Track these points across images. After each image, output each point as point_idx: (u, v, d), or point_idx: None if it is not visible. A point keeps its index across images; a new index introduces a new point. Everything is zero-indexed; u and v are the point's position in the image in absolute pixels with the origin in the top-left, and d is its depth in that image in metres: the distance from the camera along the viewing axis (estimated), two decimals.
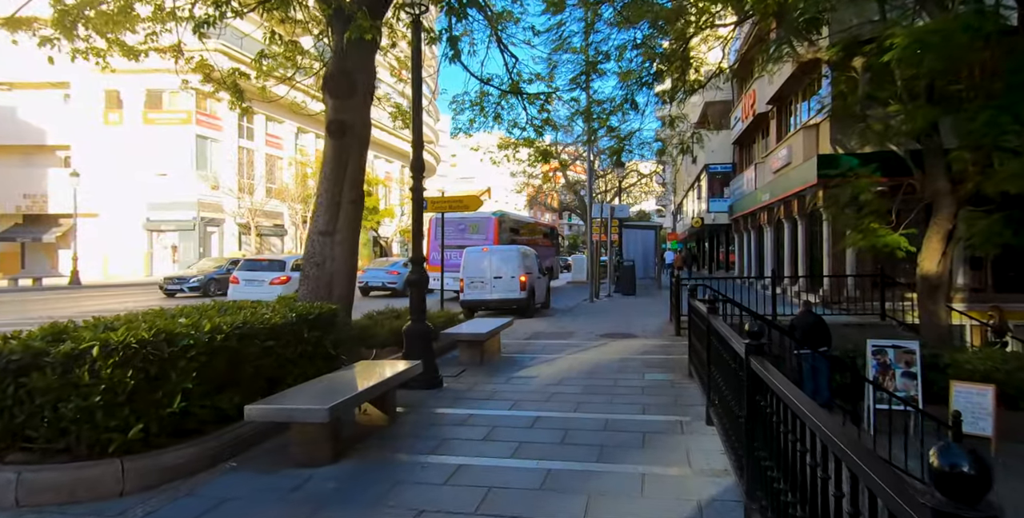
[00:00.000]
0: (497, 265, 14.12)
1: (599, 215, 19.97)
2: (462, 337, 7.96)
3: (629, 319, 13.31)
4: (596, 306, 17.24)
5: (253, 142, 42.13)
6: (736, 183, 27.81)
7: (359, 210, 7.09)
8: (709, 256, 41.64)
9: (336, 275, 6.84)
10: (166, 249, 37.19)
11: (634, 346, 9.40)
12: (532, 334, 11.05)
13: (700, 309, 5.72)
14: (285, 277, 15.37)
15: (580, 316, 14.44)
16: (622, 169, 22.66)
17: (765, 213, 21.93)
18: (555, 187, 40.25)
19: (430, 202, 11.38)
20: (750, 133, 25.90)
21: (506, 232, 20.68)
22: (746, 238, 26.67)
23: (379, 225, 48.51)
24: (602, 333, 10.93)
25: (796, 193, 17.16)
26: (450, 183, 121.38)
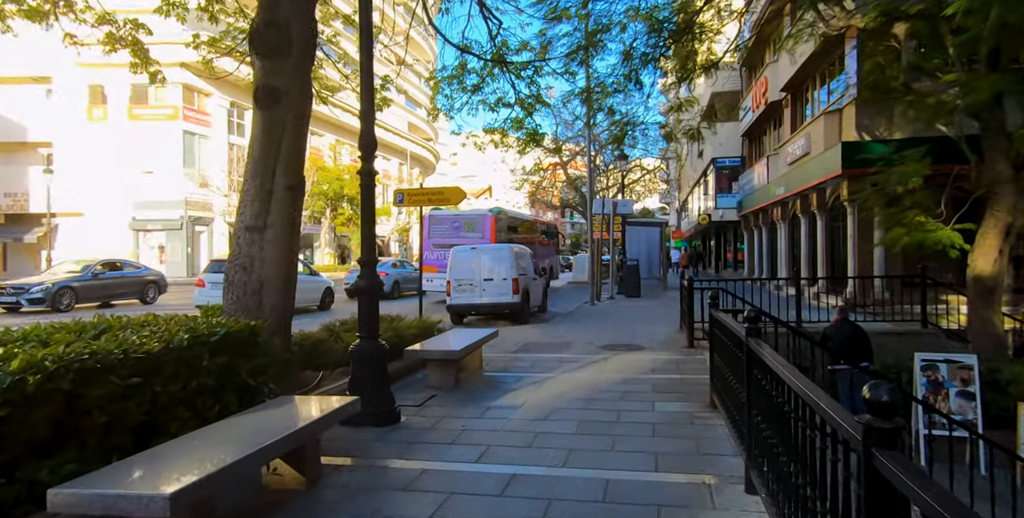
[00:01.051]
0: (488, 265, 12.87)
1: (601, 211, 18.55)
2: (431, 355, 6.56)
3: (633, 326, 11.89)
4: (597, 310, 15.81)
5: (243, 138, 40.77)
6: (746, 177, 26.34)
7: (298, 199, 5.70)
8: (716, 255, 40.18)
9: (267, 281, 5.45)
10: (153, 250, 35.91)
11: (641, 362, 7.98)
12: (522, 345, 9.64)
13: (731, 327, 4.31)
14: None
15: (579, 322, 13.03)
16: (625, 162, 21.22)
17: (779, 208, 20.48)
18: (554, 184, 38.81)
19: (407, 195, 9.99)
20: (761, 124, 24.43)
21: (503, 230, 19.61)
22: (757, 235, 25.21)
23: (375, 224, 47.23)
24: (603, 344, 9.52)
25: (815, 185, 15.71)
26: (450, 181, 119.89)
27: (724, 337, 4.89)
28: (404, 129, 62.87)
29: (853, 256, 13.91)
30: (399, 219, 52.97)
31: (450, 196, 9.64)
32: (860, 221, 13.74)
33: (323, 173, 39.44)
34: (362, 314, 5.31)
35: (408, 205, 9.97)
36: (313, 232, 44.17)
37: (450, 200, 9.65)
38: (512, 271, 12.87)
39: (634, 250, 24.58)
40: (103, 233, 35.03)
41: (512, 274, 12.86)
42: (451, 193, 9.67)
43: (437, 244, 17.83)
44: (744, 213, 26.38)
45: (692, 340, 9.00)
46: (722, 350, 5.10)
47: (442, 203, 9.70)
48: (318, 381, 5.98)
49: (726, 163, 28.48)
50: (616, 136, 11.86)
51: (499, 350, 9.08)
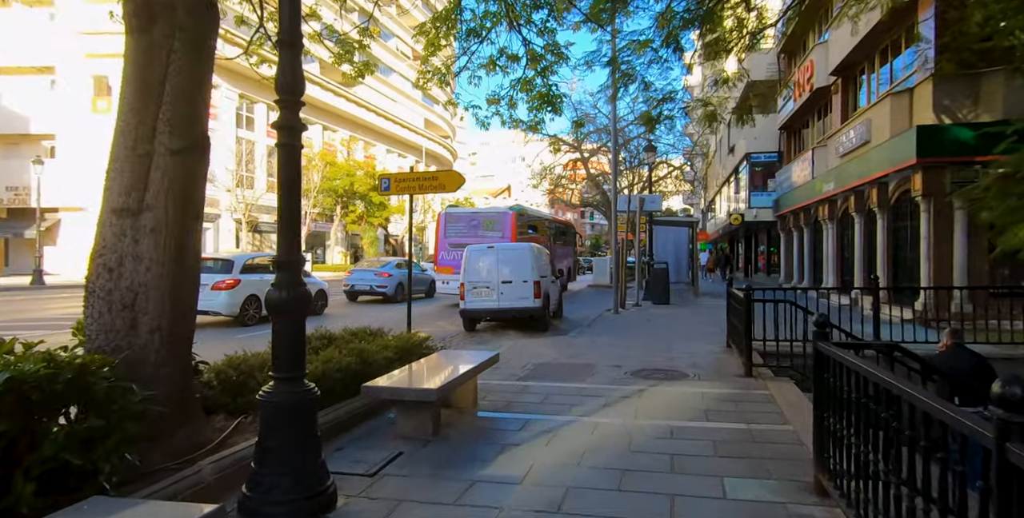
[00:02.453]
0: (506, 267, 11.74)
1: (626, 209, 16.57)
2: (399, 395, 4.67)
3: (669, 342, 9.93)
4: (622, 319, 13.85)
5: (253, 132, 39.48)
6: (783, 174, 24.17)
7: (193, 168, 3.88)
8: (746, 258, 37.87)
9: (144, 290, 3.65)
10: None
11: (687, 399, 6.04)
12: (533, 367, 7.75)
13: (880, 381, 2.39)
14: (232, 280, 12.28)
15: (602, 334, 11.10)
16: (653, 155, 19.20)
17: (825, 206, 18.32)
18: (575, 181, 36.80)
19: (394, 180, 8.17)
20: (802, 115, 22.25)
21: (524, 229, 18.55)
22: (796, 237, 23.01)
23: (388, 222, 45.55)
24: (634, 368, 7.59)
25: (876, 179, 13.62)
26: (469, 181, 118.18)
27: (855, 393, 2.96)
28: (420, 125, 61.31)
29: (927, 260, 11.80)
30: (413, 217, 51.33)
31: (445, 181, 7.79)
32: (936, 219, 11.63)
33: (333, 169, 37.87)
34: (277, 343, 3.46)
35: (396, 192, 8.15)
36: (324, 230, 42.67)
37: (445, 186, 7.80)
38: (533, 273, 11.74)
39: (660, 252, 22.53)
40: None
41: (533, 276, 11.70)
42: (446, 178, 7.82)
43: (454, 244, 16.77)
44: (781, 213, 24.20)
45: (750, 366, 7.03)
46: (835, 401, 3.18)
47: (436, 190, 7.87)
48: (230, 431, 4.15)
49: (761, 159, 26.31)
50: (648, 116, 9.86)
51: (503, 374, 7.21)
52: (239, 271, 12.54)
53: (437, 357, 6.02)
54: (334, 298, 19.31)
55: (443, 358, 5.94)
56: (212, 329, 12.27)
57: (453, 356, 6.08)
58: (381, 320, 15.05)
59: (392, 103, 55.82)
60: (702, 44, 9.62)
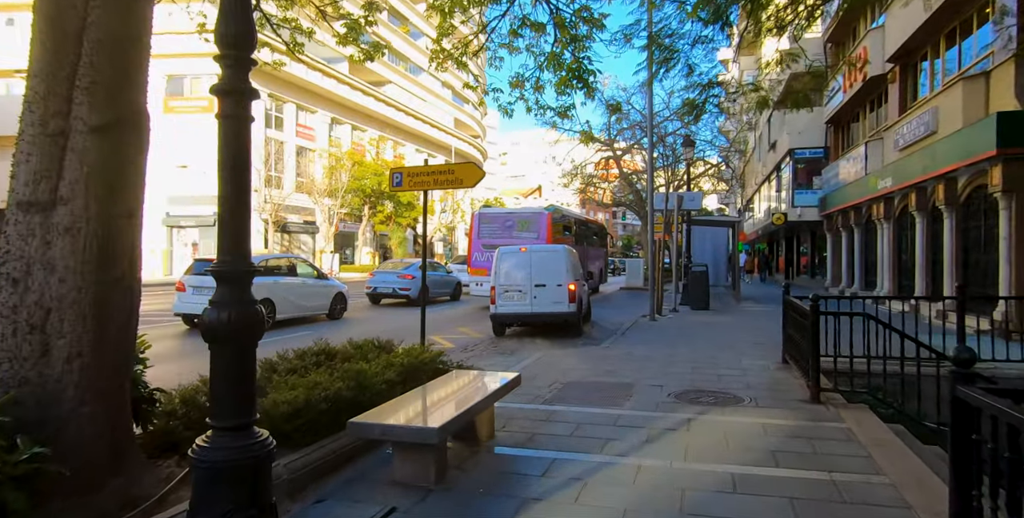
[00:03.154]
0: (540, 269, 11.24)
1: (663, 207, 15.48)
2: (393, 435, 3.77)
3: (714, 355, 8.88)
4: (660, 327, 12.80)
5: (283, 132, 39.30)
6: (831, 171, 22.71)
7: (126, 149, 3.06)
8: (786, 259, 36.22)
9: (59, 307, 2.83)
10: (187, 247, 34.67)
11: (747, 435, 5.02)
12: (560, 388, 6.80)
13: None
14: None
15: (638, 345, 10.08)
16: (691, 150, 18.04)
17: (880, 205, 16.93)
18: (607, 180, 35.65)
19: (406, 175, 7.31)
20: (852, 107, 20.81)
21: (558, 230, 18.13)
22: (844, 238, 21.56)
23: (416, 222, 44.98)
24: (678, 389, 6.59)
25: (944, 173, 12.30)
26: (499, 181, 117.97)
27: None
28: (450, 125, 60.78)
29: (1007, 264, 10.48)
30: (442, 217, 50.73)
31: (462, 175, 6.90)
32: (1018, 217, 10.32)
33: (361, 168, 37.42)
34: (216, 380, 2.60)
35: (408, 188, 7.30)
36: (353, 230, 42.33)
37: (463, 180, 6.92)
38: (568, 276, 11.21)
39: (698, 253, 21.37)
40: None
41: (568, 279, 11.17)
42: (463, 172, 6.93)
43: (487, 244, 16.31)
44: (828, 212, 22.75)
45: (817, 390, 5.97)
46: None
47: (453, 185, 6.99)
48: (177, 481, 3.31)
49: (806, 155, 24.85)
50: (692, 103, 8.83)
51: (527, 394, 6.28)
52: None
53: (449, 379, 5.13)
54: (356, 301, 18.65)
55: (455, 381, 5.04)
56: None
57: (467, 378, 5.18)
58: (401, 325, 14.30)
59: (422, 102, 55.41)
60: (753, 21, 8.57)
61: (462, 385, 4.89)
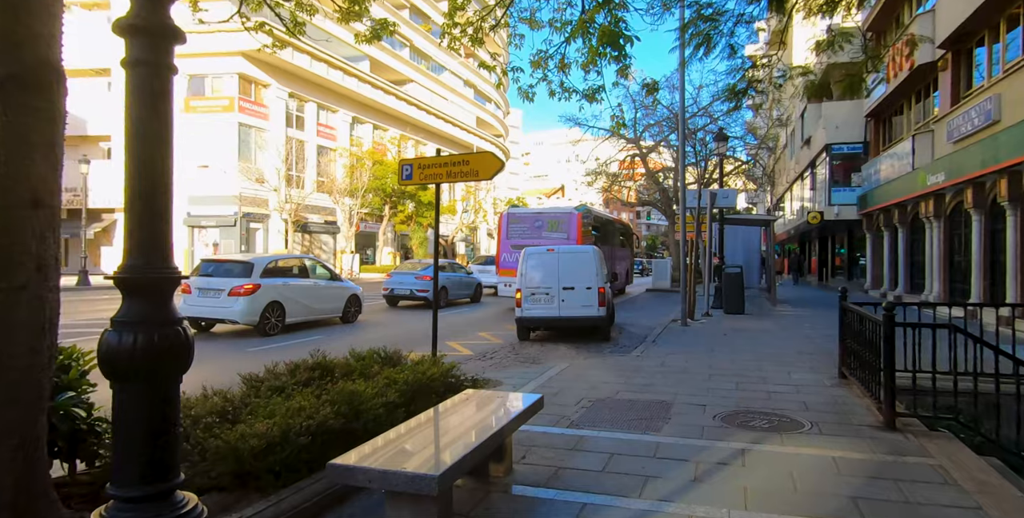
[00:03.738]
0: (568, 271, 10.82)
1: (695, 204, 14.55)
2: (381, 482, 3.00)
3: (760, 366, 7.99)
4: (693, 333, 11.90)
5: (304, 132, 39.01)
6: (871, 167, 21.53)
7: (25, 116, 2.34)
8: (820, 260, 34.83)
9: None
10: (208, 247, 34.50)
11: (817, 474, 4.18)
12: (589, 404, 6.01)
13: None
14: (251, 285, 11.01)
15: (672, 354, 9.22)
16: (724, 144, 17.06)
17: (930, 201, 15.79)
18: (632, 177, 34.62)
19: (417, 167, 6.59)
20: (896, 98, 19.61)
21: (587, 230, 17.86)
22: (887, 238, 20.37)
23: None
24: (725, 410, 5.75)
25: (1008, 167, 11.21)
26: (522, 181, 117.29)
27: None
28: (472, 124, 60.16)
29: None
30: (464, 217, 50.11)
31: (478, 166, 6.15)
32: None
33: (381, 167, 36.92)
34: (120, 432, 1.85)
35: (420, 181, 6.58)
36: (374, 230, 41.90)
37: (479, 172, 6.17)
38: (597, 279, 10.75)
39: (729, 253, 20.35)
40: None
41: (598, 282, 10.72)
42: (479, 162, 6.18)
43: (516, 245, 15.80)
44: (868, 210, 21.55)
45: (892, 416, 5.08)
46: None
47: (467, 177, 6.24)
48: None
49: (843, 150, 23.63)
50: (733, 89, 7.97)
51: (551, 413, 5.52)
52: (259, 275, 11.26)
53: (460, 402, 4.36)
54: (373, 303, 18.04)
55: (467, 404, 4.28)
56: (228, 340, 11.04)
57: (481, 400, 4.41)
58: (416, 329, 13.60)
59: (444, 101, 54.88)
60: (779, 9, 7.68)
61: (475, 410, 4.12)
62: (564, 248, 11.79)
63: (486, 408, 4.16)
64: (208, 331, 11.80)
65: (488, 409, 4.13)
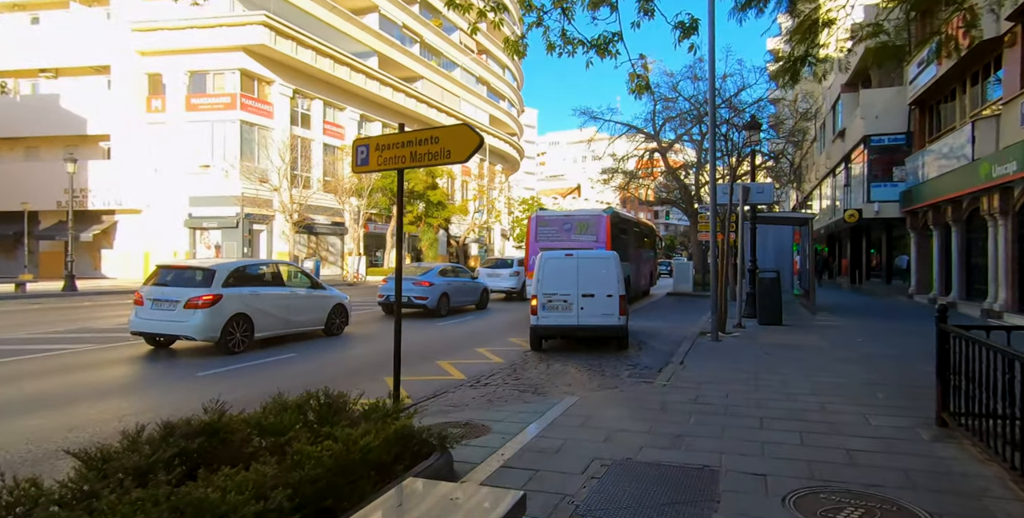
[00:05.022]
0: (587, 277, 10.29)
1: (729, 200, 12.79)
2: None
3: (822, 405, 6.26)
4: (727, 351, 10.16)
5: (310, 130, 37.72)
6: (916, 160, 19.55)
7: None
8: (852, 261, 32.67)
9: None
10: (210, 249, 33.32)
11: None
12: (599, 477, 4.34)
13: None
14: (211, 296, 9.48)
15: (707, 383, 7.49)
16: (757, 133, 15.25)
17: (995, 196, 13.86)
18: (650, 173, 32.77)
19: (374, 149, 4.98)
20: (947, 82, 17.62)
21: (617, 233, 17.80)
22: (937, 237, 18.39)
23: (448, 223, 42.88)
24: (796, 485, 4.06)
25: None
26: (537, 181, 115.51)
27: None
28: (485, 122, 58.58)
29: None
30: (476, 217, 48.55)
31: (451, 145, 4.52)
32: None
33: None
34: None
35: (380, 167, 4.98)
36: (383, 231, 40.46)
37: (451, 153, 4.53)
38: (618, 286, 10.25)
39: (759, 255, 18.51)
40: (159, 231, 32.88)
41: (619, 290, 10.22)
42: (451, 138, 4.55)
43: (545, 248, 15.25)
44: (913, 208, 19.57)
45: None
46: None
47: (438, 159, 4.61)
48: None
49: (884, 142, 21.65)
50: (790, 58, 6.25)
51: (544, 488, 3.90)
52: (222, 283, 9.72)
53: (398, 511, 2.71)
54: (368, 312, 16.50)
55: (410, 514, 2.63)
56: (182, 359, 9.52)
57: (434, 502, 2.76)
58: (411, 342, 11.95)
59: (455, 99, 53.36)
60: None
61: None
62: (584, 253, 10.99)
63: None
64: (167, 347, 10.30)
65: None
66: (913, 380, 7.38)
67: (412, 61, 46.93)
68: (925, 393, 6.49)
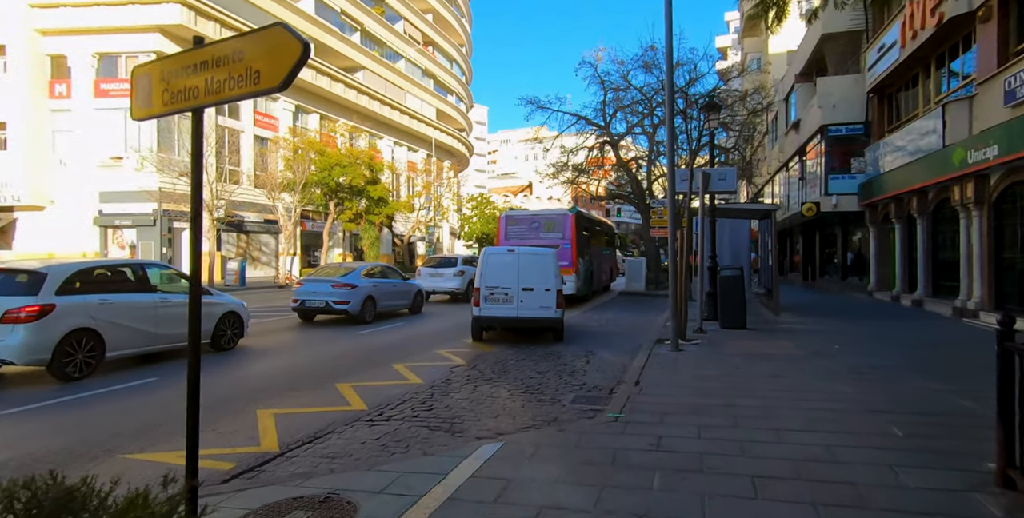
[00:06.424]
0: (527, 272, 10.92)
1: (689, 188, 11.25)
2: None
3: (831, 451, 4.67)
4: (691, 365, 8.56)
5: (239, 121, 34.88)
6: (876, 151, 18.59)
7: None
8: (805, 257, 32.04)
9: None
10: (124, 249, 30.27)
11: None
12: None
13: None
14: (36, 307, 7.32)
15: (670, 414, 5.84)
16: (717, 115, 13.81)
17: (969, 185, 12.78)
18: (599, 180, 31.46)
19: (158, 79, 3.10)
20: (910, 67, 16.64)
21: (581, 231, 18.93)
22: (898, 231, 17.44)
23: (392, 220, 40.53)
24: None
25: None
26: (488, 179, 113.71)
27: None
28: (432, 116, 56.36)
29: None
30: (422, 215, 46.37)
31: (260, 62, 2.69)
32: None
33: (323, 159, 33.00)
34: None
35: (169, 107, 3.12)
36: (322, 229, 37.87)
37: (261, 74, 2.70)
38: (556, 280, 10.96)
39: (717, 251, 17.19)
40: (66, 229, 29.62)
41: (556, 284, 10.93)
42: (260, 49, 2.70)
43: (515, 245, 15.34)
44: (872, 201, 18.64)
45: None
46: None
47: (245, 86, 2.81)
48: None
49: (842, 132, 20.69)
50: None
51: None
52: (55, 290, 7.55)
53: None
54: (280, 319, 14.38)
55: None
56: (9, 389, 7.32)
57: None
58: (323, 359, 9.97)
59: (400, 91, 50.97)
60: None
61: None
62: (524, 249, 11.55)
63: None
64: None
65: None
66: (925, 404, 5.90)
67: (352, 50, 44.36)
68: (952, 425, 5.00)
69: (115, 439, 5.41)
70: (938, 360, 8.61)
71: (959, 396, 6.22)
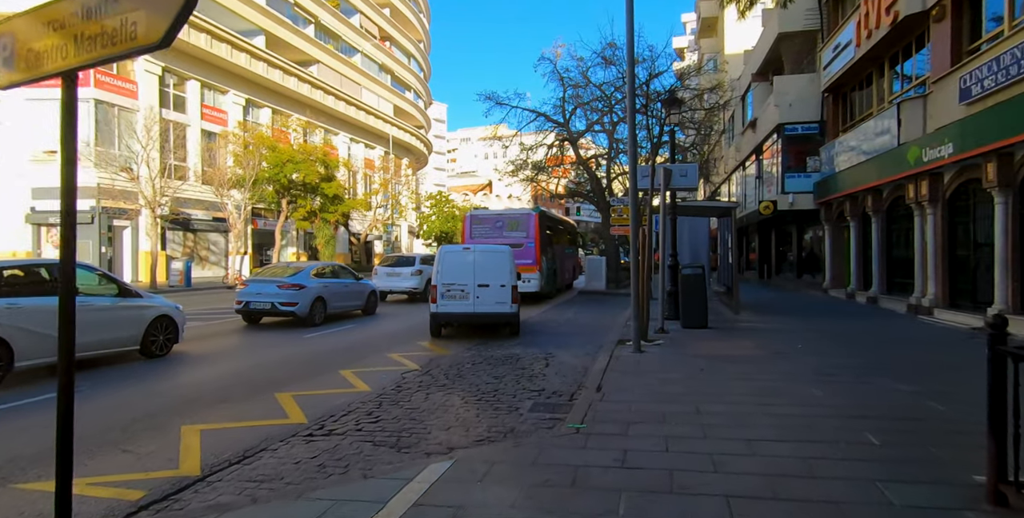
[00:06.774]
0: (484, 269, 11.10)
1: (651, 184, 10.96)
2: None
3: (808, 465, 4.37)
4: (654, 369, 8.23)
5: (185, 115, 33.35)
6: (831, 150, 18.76)
7: None
8: (760, 255, 32.48)
9: None
10: (57, 249, 28.46)
11: None
12: None
13: None
14: None
15: (635, 423, 5.49)
16: (678, 109, 13.59)
17: (923, 183, 12.87)
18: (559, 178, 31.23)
19: (18, 38, 2.53)
20: (863, 67, 16.78)
21: (544, 230, 19.26)
22: (853, 229, 17.61)
23: (348, 219, 39.46)
24: None
25: None
26: (447, 177, 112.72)
27: None
28: (389, 113, 55.30)
29: None
30: (379, 213, 45.38)
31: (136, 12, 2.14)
32: None
33: (274, 154, 31.82)
34: None
35: (38, 72, 2.55)
36: (274, 228, 36.56)
37: (139, 28, 2.14)
38: (511, 277, 11.17)
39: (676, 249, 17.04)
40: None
41: (511, 281, 11.16)
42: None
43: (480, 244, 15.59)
44: (827, 199, 18.81)
45: None
46: None
47: (123, 44, 2.27)
48: None
49: (798, 131, 20.87)
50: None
51: None
52: None
53: None
54: (224, 321, 13.56)
55: None
56: None
57: None
58: (253, 367, 9.31)
59: (355, 86, 49.78)
60: None
61: None
62: (480, 247, 11.77)
63: None
64: None
65: None
66: (895, 408, 5.68)
67: (306, 43, 43.05)
68: (927, 431, 4.75)
69: (10, 465, 4.73)
70: (900, 359, 8.49)
71: (927, 398, 6.03)
